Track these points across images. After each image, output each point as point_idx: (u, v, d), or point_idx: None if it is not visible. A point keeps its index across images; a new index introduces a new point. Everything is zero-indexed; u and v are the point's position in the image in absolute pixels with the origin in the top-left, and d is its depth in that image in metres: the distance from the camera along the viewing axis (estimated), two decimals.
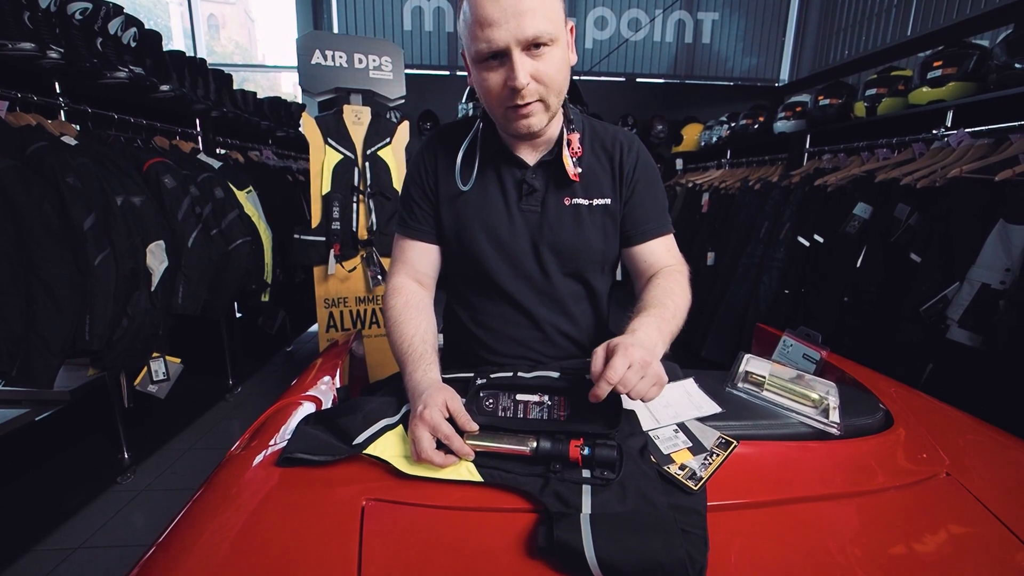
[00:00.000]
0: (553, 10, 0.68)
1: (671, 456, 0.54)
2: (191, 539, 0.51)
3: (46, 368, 1.30)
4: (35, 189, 1.25)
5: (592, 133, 0.85)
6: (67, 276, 1.30)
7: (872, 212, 1.77)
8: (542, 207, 0.81)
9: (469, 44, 0.69)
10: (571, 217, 0.81)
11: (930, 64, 1.80)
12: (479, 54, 0.67)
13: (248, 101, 2.98)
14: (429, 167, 0.85)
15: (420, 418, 0.57)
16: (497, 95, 0.70)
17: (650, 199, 0.85)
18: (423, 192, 0.85)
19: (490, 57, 0.67)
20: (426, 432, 0.56)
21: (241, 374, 2.70)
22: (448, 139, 0.85)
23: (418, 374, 0.68)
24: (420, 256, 0.86)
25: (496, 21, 0.64)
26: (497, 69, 0.68)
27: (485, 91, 0.71)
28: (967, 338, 1.37)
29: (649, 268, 0.84)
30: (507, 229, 0.81)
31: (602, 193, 0.83)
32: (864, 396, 0.77)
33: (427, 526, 0.51)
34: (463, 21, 0.69)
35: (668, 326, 0.70)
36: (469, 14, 0.67)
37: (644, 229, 0.84)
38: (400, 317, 0.78)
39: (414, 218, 0.85)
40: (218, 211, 2.07)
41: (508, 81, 0.68)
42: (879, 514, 0.55)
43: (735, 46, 5.74)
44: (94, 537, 1.52)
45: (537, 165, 0.82)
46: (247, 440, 0.71)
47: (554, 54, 0.69)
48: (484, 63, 0.69)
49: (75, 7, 1.57)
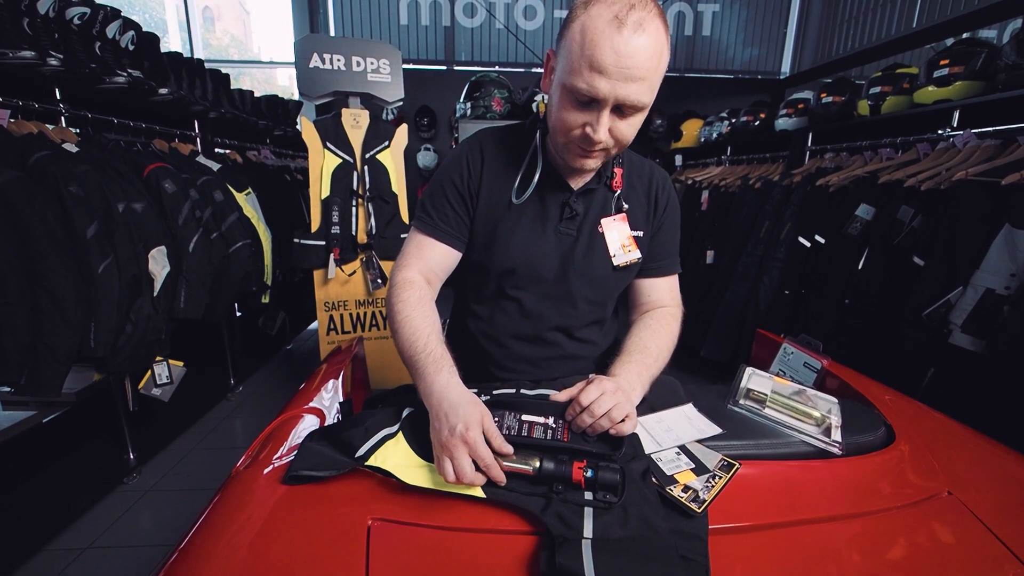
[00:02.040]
0: (658, 79, 0.67)
1: (674, 477, 0.55)
2: (203, 558, 0.52)
3: (53, 376, 1.31)
4: (39, 200, 1.25)
5: (630, 166, 0.87)
6: (72, 285, 1.30)
7: (875, 214, 1.77)
8: (578, 232, 0.82)
9: (569, 72, 0.65)
10: (604, 248, 0.83)
11: (936, 62, 1.78)
12: (575, 90, 0.65)
13: (246, 100, 2.97)
14: (474, 172, 0.81)
15: (463, 440, 0.54)
16: (570, 130, 0.69)
17: (671, 238, 0.89)
18: (461, 196, 0.81)
19: (584, 96, 0.65)
20: (466, 456, 0.54)
21: (242, 373, 2.72)
22: (498, 147, 0.83)
23: (442, 378, 0.63)
24: (440, 258, 0.83)
25: (608, 73, 0.62)
26: (583, 110, 0.67)
27: (561, 120, 0.70)
28: (970, 343, 1.38)
29: (648, 304, 0.88)
30: (541, 249, 0.81)
31: (637, 225, 0.85)
32: (866, 412, 0.78)
33: (432, 547, 0.52)
34: (573, 42, 0.64)
35: (648, 370, 0.73)
36: (583, 41, 0.62)
37: (658, 265, 0.88)
38: (413, 312, 0.74)
39: (445, 219, 0.82)
40: (218, 214, 2.06)
41: (587, 127, 0.67)
42: (880, 535, 0.55)
43: (736, 38, 5.68)
44: (103, 537, 1.55)
45: (580, 191, 0.82)
46: (253, 454, 0.72)
47: (638, 118, 0.69)
48: (573, 94, 0.66)
49: (73, 12, 1.56)
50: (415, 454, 0.59)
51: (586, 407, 0.59)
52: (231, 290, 2.13)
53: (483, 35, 5.41)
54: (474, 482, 0.54)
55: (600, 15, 0.61)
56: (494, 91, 2.67)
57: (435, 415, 0.60)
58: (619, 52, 0.61)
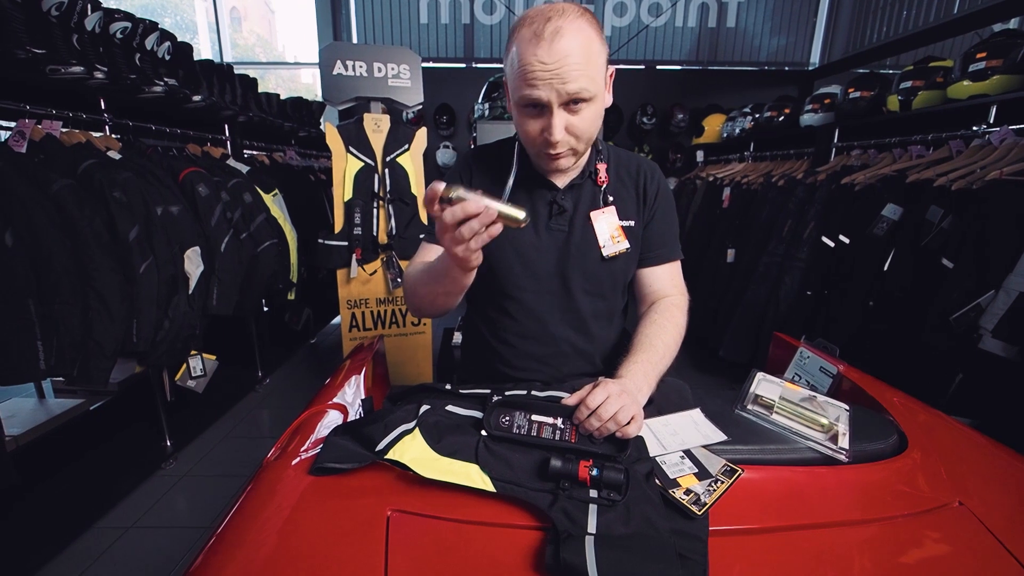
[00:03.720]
0: (595, 68, 0.71)
1: (677, 480, 0.57)
2: (237, 542, 0.57)
3: (101, 369, 1.41)
4: (87, 205, 1.35)
5: (616, 161, 0.91)
6: (117, 285, 1.40)
7: (902, 214, 1.72)
8: (569, 227, 0.85)
9: (513, 88, 0.73)
10: (596, 242, 0.85)
11: (973, 55, 1.71)
12: (521, 100, 0.72)
13: (272, 103, 3.07)
14: (464, 182, 0.89)
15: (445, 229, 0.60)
16: (533, 139, 0.75)
17: (666, 226, 0.90)
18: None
19: (530, 105, 0.72)
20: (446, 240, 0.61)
21: (269, 366, 2.84)
22: (487, 160, 0.90)
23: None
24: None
25: (540, 77, 0.68)
26: (536, 117, 0.73)
27: (523, 133, 0.77)
28: (1001, 349, 1.33)
29: (652, 294, 0.90)
30: (534, 246, 0.85)
31: (627, 215, 0.87)
32: (878, 419, 0.77)
33: (447, 538, 0.55)
34: (509, 63, 0.72)
35: (655, 368, 0.75)
36: (516, 61, 0.70)
37: (656, 254, 0.89)
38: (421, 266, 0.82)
39: None
40: (247, 215, 2.16)
41: (544, 132, 0.73)
42: (885, 543, 0.56)
43: (762, 28, 5.51)
44: (144, 518, 1.66)
45: (567, 188, 0.86)
46: (282, 446, 0.77)
47: (590, 109, 0.73)
48: (524, 109, 0.73)
49: (116, 26, 1.66)
50: (431, 449, 0.63)
51: (593, 411, 0.61)
52: (259, 287, 2.23)
53: (502, 32, 5.41)
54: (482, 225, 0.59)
55: (523, 35, 0.69)
56: None
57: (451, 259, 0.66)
58: (543, 60, 0.67)
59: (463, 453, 0.61)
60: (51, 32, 1.47)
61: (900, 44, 3.81)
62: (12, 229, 1.22)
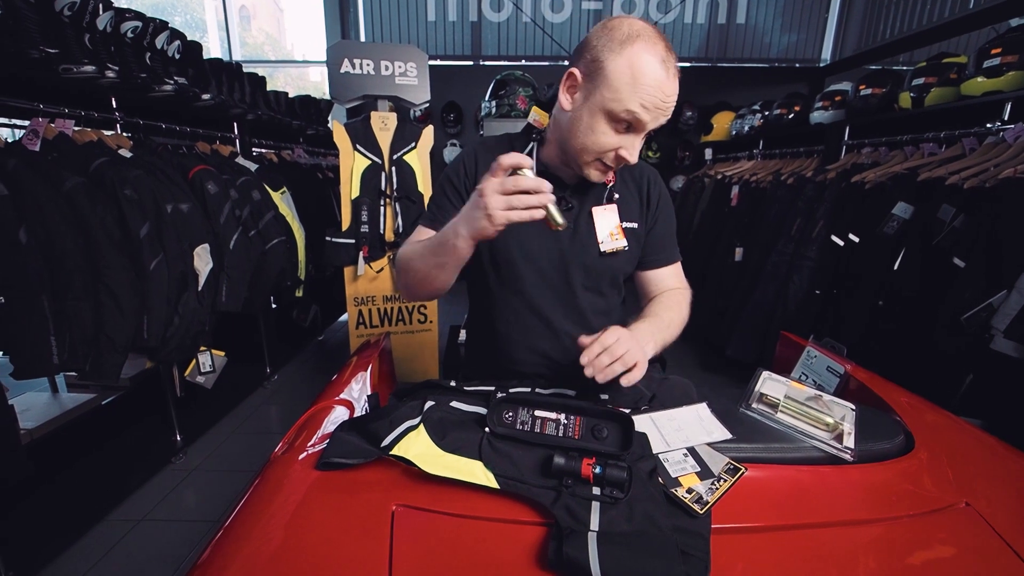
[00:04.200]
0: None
1: (679, 479, 0.57)
2: (244, 536, 0.58)
3: (114, 364, 1.44)
4: (99, 203, 1.37)
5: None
6: (128, 282, 1.42)
7: (913, 212, 1.69)
8: (574, 223, 0.87)
9: (615, 102, 0.72)
10: (594, 232, 0.87)
11: (987, 51, 1.68)
12: (615, 115, 0.73)
13: (280, 101, 3.09)
14: (470, 172, 0.89)
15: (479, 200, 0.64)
16: (601, 150, 0.76)
17: (667, 230, 0.94)
18: (457, 191, 0.89)
19: (623, 121, 0.73)
20: (492, 198, 0.63)
21: (277, 363, 2.87)
22: (493, 150, 0.90)
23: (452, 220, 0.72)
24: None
25: (653, 108, 0.72)
26: (620, 132, 0.75)
27: (595, 141, 0.76)
28: (1013, 349, 1.32)
29: (657, 291, 0.94)
30: (538, 242, 0.86)
31: (631, 217, 0.90)
32: (884, 419, 0.77)
33: (451, 533, 0.56)
34: (627, 75, 0.71)
35: (662, 333, 0.79)
36: (636, 82, 0.70)
37: (660, 257, 0.94)
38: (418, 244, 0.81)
39: (444, 213, 0.87)
40: (256, 213, 2.18)
41: (620, 149, 0.76)
42: (889, 543, 0.55)
43: (772, 24, 5.44)
44: (155, 511, 1.69)
45: (575, 186, 0.88)
46: (289, 441, 0.78)
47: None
48: (613, 121, 0.74)
49: (127, 26, 1.68)
50: (435, 445, 0.64)
51: (607, 347, 0.65)
52: (267, 284, 2.25)
53: (510, 29, 5.40)
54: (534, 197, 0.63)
55: (648, 57, 0.70)
56: (519, 89, 2.68)
57: (469, 223, 0.68)
58: (665, 92, 0.71)
59: (467, 450, 0.61)
60: (63, 32, 1.49)
61: (914, 40, 3.74)
62: (26, 226, 1.25)
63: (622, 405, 0.72)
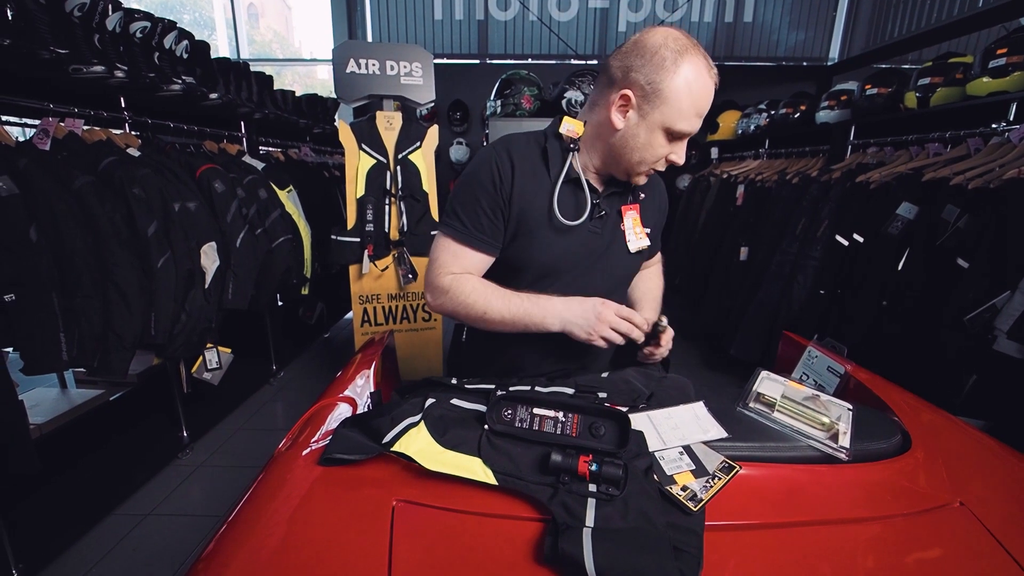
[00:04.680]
0: None
1: (674, 477, 0.58)
2: (248, 530, 0.59)
3: (121, 360, 1.46)
4: (108, 202, 1.40)
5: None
6: (136, 279, 1.45)
7: (918, 213, 1.68)
8: (603, 229, 0.90)
9: (675, 118, 0.78)
10: (624, 240, 0.93)
11: (993, 51, 1.66)
12: (677, 132, 0.79)
13: (287, 100, 3.12)
14: (506, 179, 0.84)
15: (601, 320, 0.80)
16: (655, 158, 0.83)
17: (660, 229, 1.04)
18: (495, 203, 0.85)
19: (676, 132, 0.79)
20: (616, 323, 0.81)
21: (283, 360, 2.90)
22: (525, 153, 0.87)
23: (553, 302, 0.84)
24: (476, 263, 0.88)
25: (702, 115, 0.79)
26: (672, 142, 0.82)
27: (651, 152, 0.82)
28: (1016, 350, 1.31)
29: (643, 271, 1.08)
30: (574, 249, 0.89)
31: (648, 220, 0.96)
32: (882, 419, 0.77)
33: (450, 528, 0.57)
34: (685, 93, 0.76)
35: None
36: (692, 96, 0.76)
37: (653, 252, 1.06)
38: (487, 289, 0.86)
39: (479, 227, 0.86)
40: (262, 211, 2.20)
41: (671, 156, 0.83)
42: (882, 541, 0.56)
43: (780, 22, 5.41)
44: (161, 506, 1.72)
45: (607, 193, 0.91)
46: (293, 437, 0.80)
47: None
48: (667, 133, 0.80)
49: (136, 26, 1.70)
50: (435, 442, 0.65)
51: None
52: (273, 282, 2.28)
53: (516, 28, 5.40)
54: (631, 333, 0.82)
55: (700, 72, 0.76)
56: (524, 89, 2.68)
57: (570, 325, 0.82)
58: (709, 100, 0.79)
59: (466, 446, 0.62)
60: (74, 32, 1.52)
61: (922, 39, 3.71)
62: (37, 224, 1.27)
63: (620, 403, 0.73)
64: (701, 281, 3.27)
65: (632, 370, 0.86)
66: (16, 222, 1.23)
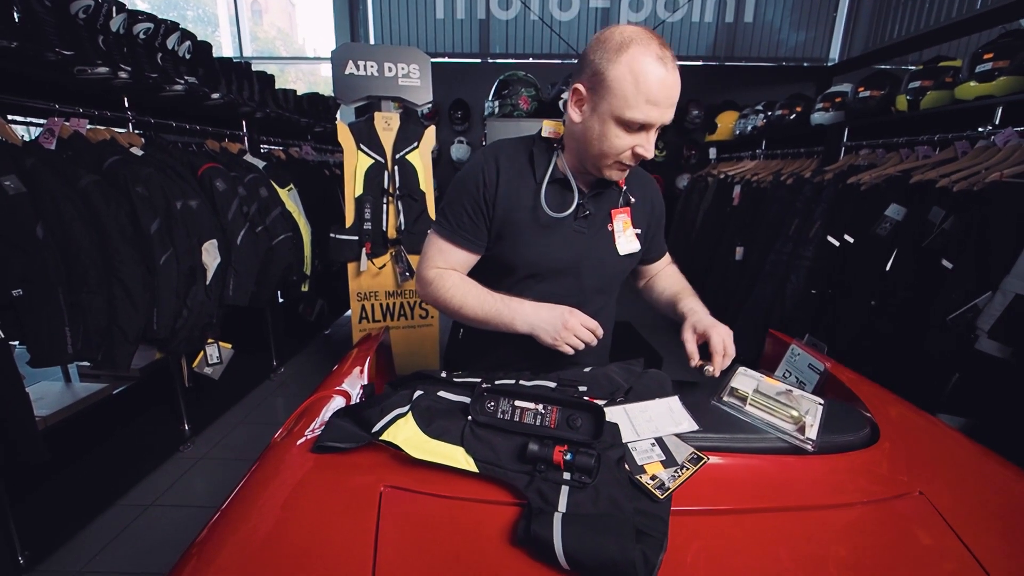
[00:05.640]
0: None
1: (644, 467, 0.61)
2: (243, 515, 0.62)
3: (125, 355, 1.50)
4: (112, 200, 1.43)
5: (630, 170, 0.96)
6: (139, 275, 1.49)
7: (905, 214, 1.71)
8: (590, 229, 0.92)
9: (620, 106, 0.77)
10: (612, 242, 0.94)
11: (980, 56, 1.69)
12: (629, 121, 0.77)
13: (289, 99, 3.15)
14: (489, 179, 0.89)
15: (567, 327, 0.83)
16: (618, 152, 0.82)
17: (662, 230, 1.07)
18: (477, 203, 0.90)
19: (634, 122, 0.78)
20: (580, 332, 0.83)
21: (283, 355, 2.94)
22: (512, 157, 0.92)
23: (524, 305, 0.86)
24: (459, 258, 0.94)
25: (660, 104, 0.76)
26: (632, 133, 0.80)
27: (611, 145, 0.81)
28: (997, 349, 1.34)
29: (653, 273, 1.11)
30: (559, 248, 0.91)
31: (638, 223, 0.97)
32: (852, 413, 0.80)
33: (433, 512, 0.60)
34: (621, 80, 0.75)
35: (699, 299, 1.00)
36: (636, 83, 0.75)
37: (659, 253, 1.10)
38: (465, 286, 0.91)
39: (461, 225, 0.91)
40: (263, 209, 2.24)
41: (636, 148, 0.81)
42: (839, 527, 0.59)
43: (781, 23, 5.42)
44: (163, 496, 1.76)
45: (591, 195, 0.92)
46: (288, 428, 0.83)
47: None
48: (624, 124, 0.78)
49: (140, 27, 1.74)
50: (421, 431, 0.68)
51: (728, 352, 0.84)
52: (274, 279, 2.32)
53: (518, 27, 5.42)
54: (591, 343, 0.84)
55: (645, 58, 0.75)
56: (521, 90, 2.71)
57: (537, 329, 0.84)
58: (667, 86, 0.75)
59: (450, 436, 0.66)
60: (79, 34, 1.55)
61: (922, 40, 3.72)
62: (43, 222, 1.31)
63: (598, 397, 0.76)
64: (699, 281, 3.30)
65: (615, 365, 0.89)
66: (24, 220, 1.27)
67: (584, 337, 0.83)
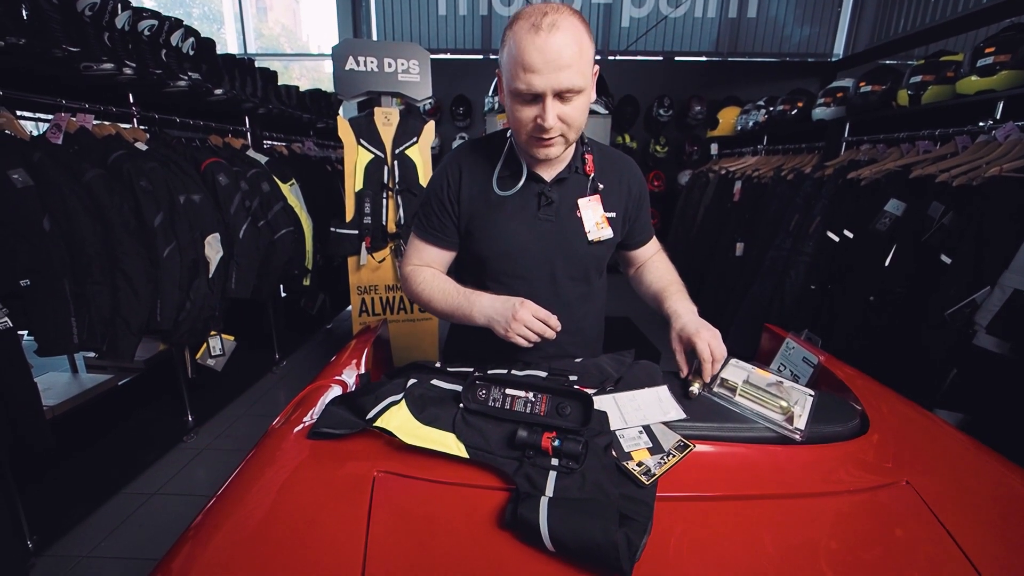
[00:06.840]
0: (585, 65, 0.77)
1: (631, 454, 0.62)
2: (240, 499, 0.64)
3: (128, 345, 1.53)
4: (116, 194, 1.46)
5: (601, 154, 0.97)
6: (143, 268, 1.51)
7: (905, 209, 1.71)
8: (556, 217, 0.92)
9: (509, 80, 0.78)
10: (581, 225, 0.93)
11: (982, 50, 1.68)
12: (515, 91, 0.77)
13: (291, 95, 3.17)
14: (452, 179, 0.94)
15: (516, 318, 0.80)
16: (525, 126, 0.81)
17: (646, 214, 1.04)
18: (442, 202, 0.94)
19: (526, 93, 0.77)
20: (531, 323, 0.80)
21: (285, 349, 2.97)
22: (474, 155, 0.95)
23: (481, 299, 0.87)
24: (434, 255, 0.99)
25: (538, 70, 0.74)
26: (530, 105, 0.79)
27: (515, 121, 0.82)
28: (994, 345, 1.34)
29: (643, 259, 1.08)
30: (525, 237, 0.92)
31: (612, 207, 0.95)
32: (842, 404, 0.81)
33: (424, 496, 0.62)
34: (507, 55, 0.77)
35: (687, 295, 0.96)
36: (514, 53, 0.75)
37: (643, 238, 1.06)
38: (435, 282, 0.94)
39: (431, 224, 0.96)
40: (265, 204, 2.26)
41: (538, 119, 0.79)
42: (824, 515, 0.60)
43: (785, 18, 5.37)
44: (167, 485, 1.79)
45: (554, 181, 0.92)
46: (287, 415, 0.85)
47: (580, 100, 0.79)
48: (519, 97, 0.78)
49: (144, 24, 1.76)
50: (414, 418, 0.70)
51: (716, 359, 0.81)
52: (276, 273, 2.34)
53: None
54: (544, 334, 0.81)
55: (521, 27, 0.74)
56: None
57: (492, 321, 0.84)
58: (542, 50, 0.73)
59: (442, 422, 0.67)
60: (85, 31, 1.57)
61: (927, 34, 3.69)
62: (50, 215, 1.33)
63: (588, 386, 0.78)
64: (698, 277, 3.30)
65: (606, 357, 0.90)
66: (31, 212, 1.30)
67: (536, 328, 0.81)
